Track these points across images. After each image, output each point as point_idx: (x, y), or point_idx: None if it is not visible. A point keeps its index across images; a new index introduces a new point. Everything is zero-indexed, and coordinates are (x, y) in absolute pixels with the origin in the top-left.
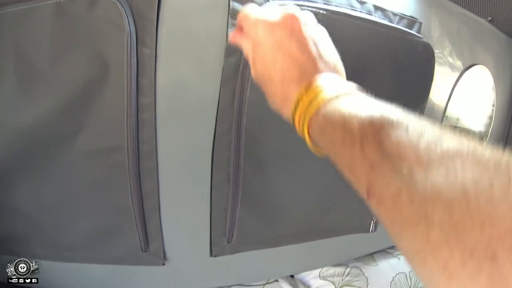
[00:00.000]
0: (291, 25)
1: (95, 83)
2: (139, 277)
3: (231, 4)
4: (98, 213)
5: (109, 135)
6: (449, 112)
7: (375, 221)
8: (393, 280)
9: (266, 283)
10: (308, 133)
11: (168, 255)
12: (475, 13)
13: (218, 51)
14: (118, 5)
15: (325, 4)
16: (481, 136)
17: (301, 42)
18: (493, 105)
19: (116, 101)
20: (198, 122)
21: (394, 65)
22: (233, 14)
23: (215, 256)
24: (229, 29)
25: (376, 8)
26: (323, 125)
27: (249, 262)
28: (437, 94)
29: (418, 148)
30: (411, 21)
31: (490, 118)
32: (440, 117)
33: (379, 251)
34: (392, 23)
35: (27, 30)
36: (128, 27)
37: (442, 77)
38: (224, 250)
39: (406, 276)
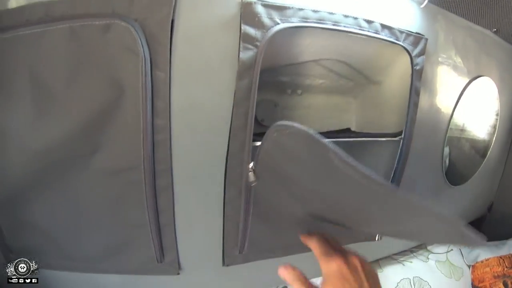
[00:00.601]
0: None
1: (111, 106)
2: (155, 286)
3: (242, 27)
4: (115, 227)
5: (126, 155)
6: (454, 121)
7: None
8: (397, 285)
9: None
10: None
11: (182, 265)
12: (480, 25)
13: (231, 73)
14: (132, 30)
15: (333, 24)
16: (485, 145)
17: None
18: (497, 114)
19: (132, 123)
20: (212, 141)
21: None
22: (244, 37)
23: (227, 265)
24: (240, 52)
25: (383, 26)
26: None
27: (259, 270)
28: (443, 103)
29: None
30: (418, 38)
31: (494, 127)
32: (445, 127)
33: (384, 258)
34: (398, 40)
35: (42, 53)
36: (143, 51)
37: (448, 88)
38: (236, 260)
39: (410, 282)
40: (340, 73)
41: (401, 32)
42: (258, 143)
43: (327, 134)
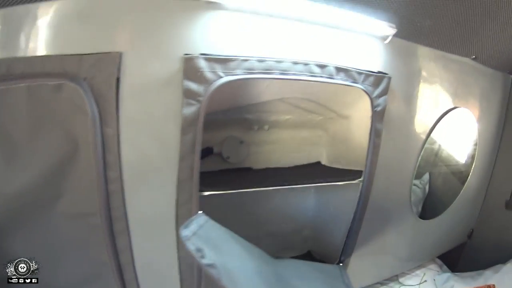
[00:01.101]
0: None
1: (68, 158)
2: None
3: (184, 83)
4: (83, 263)
5: (85, 202)
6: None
7: None
8: None
9: None
10: None
11: None
12: (458, 54)
13: (175, 127)
14: (80, 90)
15: (281, 73)
16: (464, 174)
17: None
18: (475, 144)
19: (88, 174)
20: (162, 191)
21: None
22: (186, 93)
23: None
24: (183, 108)
25: (339, 69)
26: None
27: None
28: (411, 140)
29: None
30: (379, 77)
31: (473, 156)
32: (413, 164)
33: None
34: (356, 82)
35: (5, 108)
36: (91, 110)
37: (417, 124)
38: None
39: None
40: (307, 109)
41: (360, 73)
42: (206, 193)
43: (293, 170)
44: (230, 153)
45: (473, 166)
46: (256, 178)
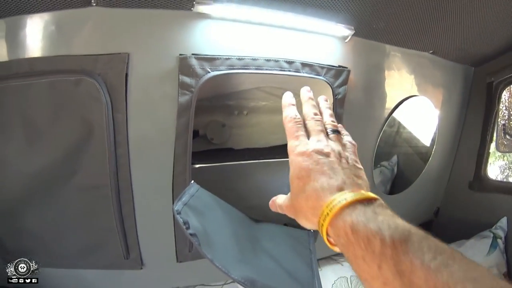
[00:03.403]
0: (326, 153)
1: (84, 139)
2: (122, 278)
3: (180, 77)
4: (90, 231)
5: (97, 176)
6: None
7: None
8: (334, 283)
9: (225, 283)
10: (327, 233)
11: (144, 261)
12: (417, 49)
13: (172, 112)
14: (96, 84)
15: (256, 69)
16: (426, 157)
17: (332, 164)
18: (436, 128)
19: (100, 152)
20: (161, 165)
21: None
22: (181, 85)
23: (181, 261)
24: (179, 96)
25: (304, 65)
26: (350, 237)
27: (210, 266)
28: (370, 124)
29: (429, 269)
30: (339, 71)
31: (433, 140)
32: (374, 145)
33: (324, 258)
34: (319, 75)
35: (29, 100)
36: (105, 99)
37: (375, 110)
38: (187, 257)
39: (347, 280)
40: (280, 96)
41: (322, 67)
42: (198, 165)
43: (270, 150)
44: (214, 135)
45: (434, 147)
46: (237, 157)
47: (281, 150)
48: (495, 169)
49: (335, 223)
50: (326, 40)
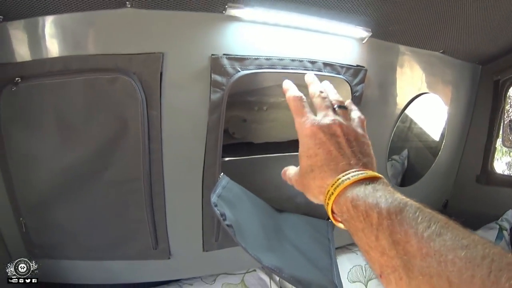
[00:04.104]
0: (333, 131)
1: (118, 135)
2: (148, 268)
3: (212, 76)
4: (121, 223)
5: (130, 170)
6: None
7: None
8: (350, 271)
9: (246, 272)
10: (332, 211)
11: (172, 251)
12: (428, 49)
13: (204, 109)
14: (132, 82)
15: (283, 68)
16: (435, 151)
17: (339, 143)
18: (445, 124)
19: (134, 147)
20: (192, 159)
21: None
22: (213, 83)
23: (207, 251)
24: (211, 94)
25: (326, 64)
26: (351, 211)
27: (232, 255)
28: (385, 119)
29: (422, 238)
30: (357, 70)
31: (443, 135)
32: (388, 138)
33: (339, 247)
34: (339, 74)
35: (64, 97)
36: (140, 97)
37: (389, 107)
38: (213, 246)
39: (362, 268)
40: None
41: (342, 67)
42: (227, 159)
43: (288, 144)
44: (235, 130)
45: (443, 142)
46: (256, 151)
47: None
48: (502, 165)
49: (338, 201)
50: (345, 42)
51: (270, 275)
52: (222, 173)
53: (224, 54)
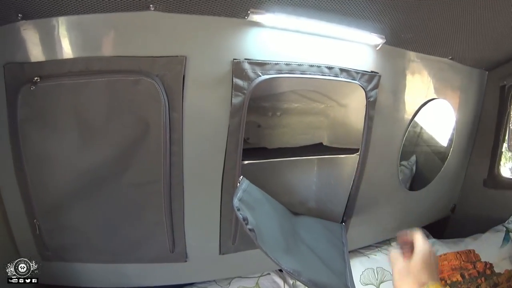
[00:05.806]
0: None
1: (139, 137)
2: (165, 271)
3: (234, 80)
4: (139, 225)
5: (150, 172)
6: (416, 135)
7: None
8: (362, 273)
9: (261, 276)
10: None
11: (188, 254)
12: (437, 55)
13: (225, 112)
14: (155, 84)
15: (301, 73)
16: (444, 156)
17: (422, 271)
18: (454, 128)
19: (155, 149)
20: (211, 162)
21: None
22: (235, 87)
23: (223, 254)
24: (233, 98)
25: (342, 70)
26: None
27: (248, 258)
28: (396, 124)
29: None
30: (372, 75)
31: (452, 140)
32: (399, 143)
33: (352, 251)
34: (355, 80)
35: (85, 98)
36: (163, 99)
37: (401, 112)
38: (229, 249)
39: (373, 271)
40: (313, 99)
41: (357, 72)
42: (246, 162)
43: (300, 149)
44: (250, 135)
45: (451, 147)
46: (269, 156)
47: (310, 149)
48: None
49: None
50: (360, 48)
51: (284, 278)
52: (242, 176)
53: (245, 59)
